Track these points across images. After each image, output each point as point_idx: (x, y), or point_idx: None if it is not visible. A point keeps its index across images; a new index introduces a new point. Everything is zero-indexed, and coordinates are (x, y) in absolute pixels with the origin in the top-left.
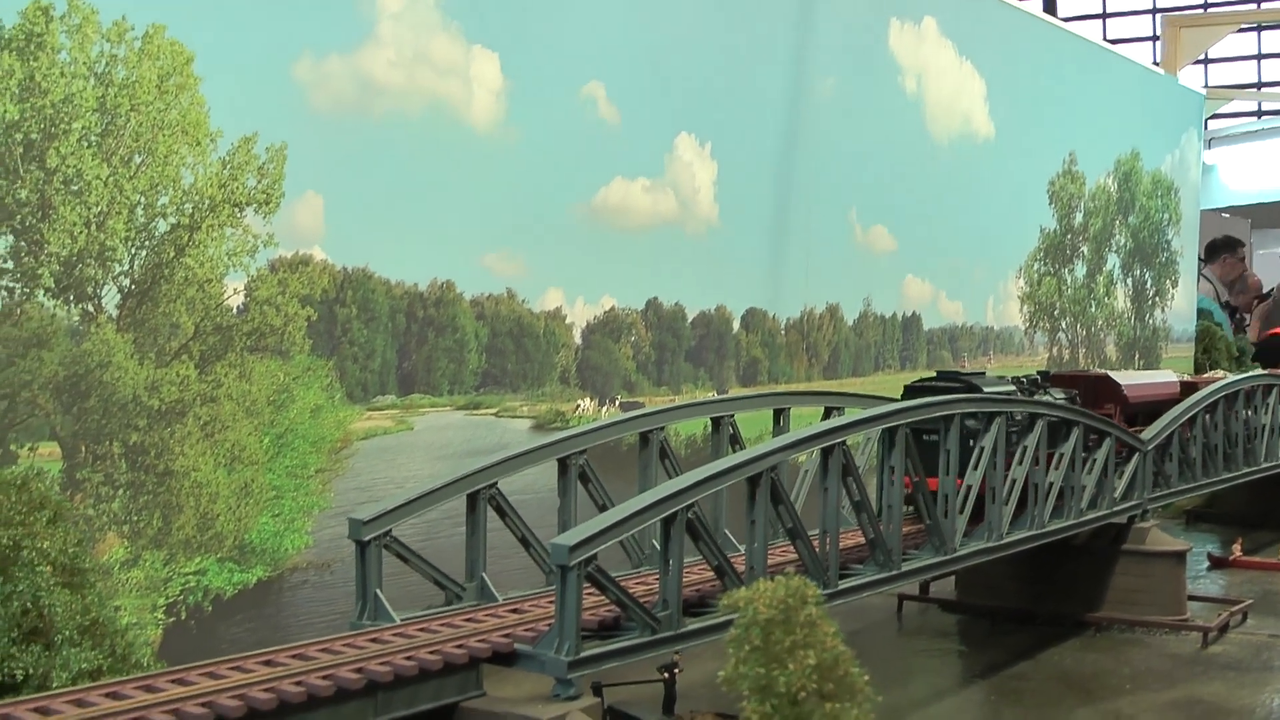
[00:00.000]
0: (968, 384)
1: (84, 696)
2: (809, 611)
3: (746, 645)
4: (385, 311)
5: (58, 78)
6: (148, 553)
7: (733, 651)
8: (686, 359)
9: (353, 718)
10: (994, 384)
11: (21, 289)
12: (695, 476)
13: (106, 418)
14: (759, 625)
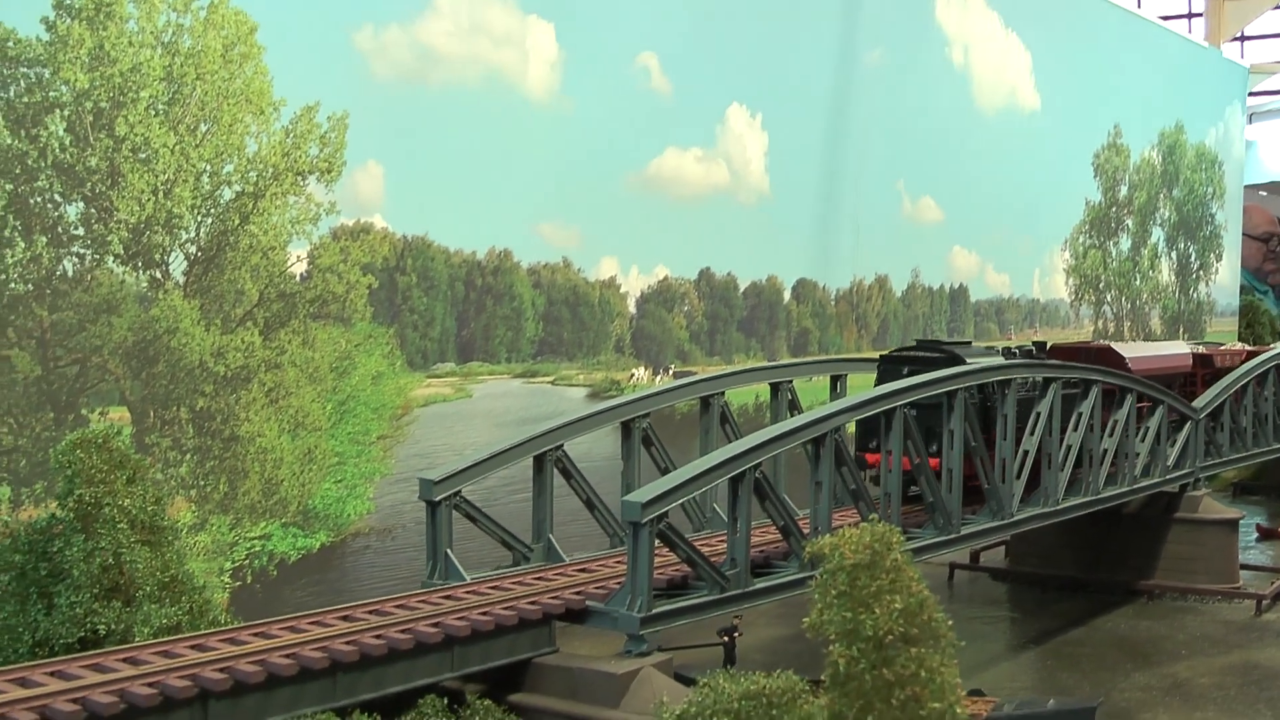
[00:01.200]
0: (949, 354)
1: (171, 648)
2: (894, 557)
3: (833, 590)
4: (444, 279)
5: (126, 47)
6: (214, 517)
7: (818, 597)
8: (738, 329)
9: (430, 671)
10: (980, 354)
11: (92, 255)
12: (760, 437)
13: (174, 383)
14: (845, 570)
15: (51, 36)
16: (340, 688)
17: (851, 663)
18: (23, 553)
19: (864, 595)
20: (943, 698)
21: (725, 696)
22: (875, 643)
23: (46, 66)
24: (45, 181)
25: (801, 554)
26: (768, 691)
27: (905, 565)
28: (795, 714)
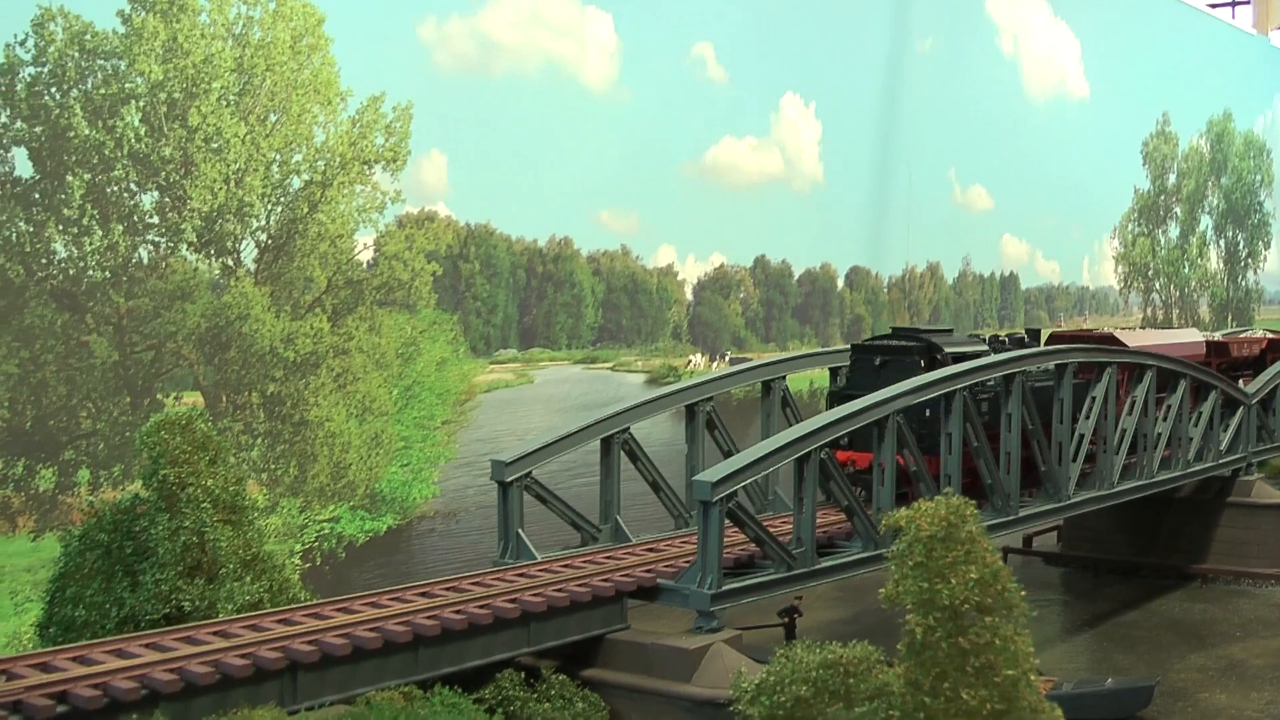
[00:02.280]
0: (927, 342)
1: (258, 622)
2: (969, 529)
3: (909, 562)
4: (506, 267)
5: (198, 39)
6: (285, 500)
7: (895, 568)
8: (793, 316)
9: (507, 646)
10: (964, 343)
11: (166, 243)
12: (825, 419)
13: (245, 368)
14: (921, 542)
15: (127, 29)
16: (422, 661)
17: (928, 631)
18: (108, 531)
19: (940, 566)
20: (1016, 665)
21: (803, 666)
22: (951, 612)
23: (122, 59)
24: (121, 171)
25: (865, 534)
26: (844, 661)
27: (980, 537)
28: (871, 683)
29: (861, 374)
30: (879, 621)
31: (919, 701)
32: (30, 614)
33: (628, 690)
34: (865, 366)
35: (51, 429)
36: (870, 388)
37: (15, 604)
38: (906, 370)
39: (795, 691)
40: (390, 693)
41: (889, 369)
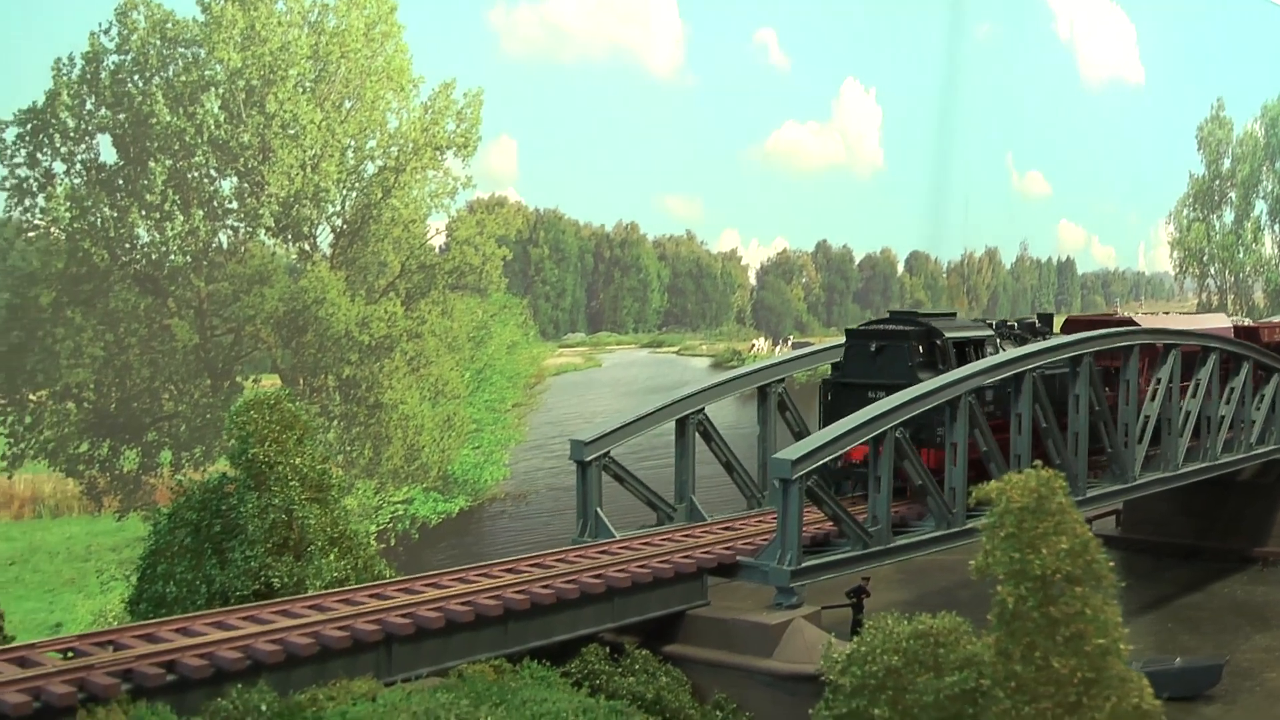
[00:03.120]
0: (925, 326)
1: (351, 596)
2: (1058, 501)
3: (1001, 533)
4: (575, 252)
5: (275, 26)
6: (360, 481)
7: (986, 539)
8: (854, 300)
9: (593, 620)
10: (967, 327)
11: (245, 228)
12: (900, 399)
13: (322, 352)
14: (1012, 513)
15: (207, 18)
16: (511, 635)
17: (1019, 601)
18: (196, 510)
19: (1031, 537)
20: (1106, 635)
21: (894, 637)
22: (1042, 582)
23: (202, 46)
24: (202, 157)
25: (938, 513)
26: (934, 631)
27: (1069, 509)
28: (960, 653)
29: (856, 360)
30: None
31: (1010, 670)
32: (115, 592)
33: (709, 665)
34: (860, 353)
35: (135, 411)
36: (865, 375)
37: (101, 582)
38: (903, 356)
39: (886, 661)
40: (481, 666)
41: (885, 355)
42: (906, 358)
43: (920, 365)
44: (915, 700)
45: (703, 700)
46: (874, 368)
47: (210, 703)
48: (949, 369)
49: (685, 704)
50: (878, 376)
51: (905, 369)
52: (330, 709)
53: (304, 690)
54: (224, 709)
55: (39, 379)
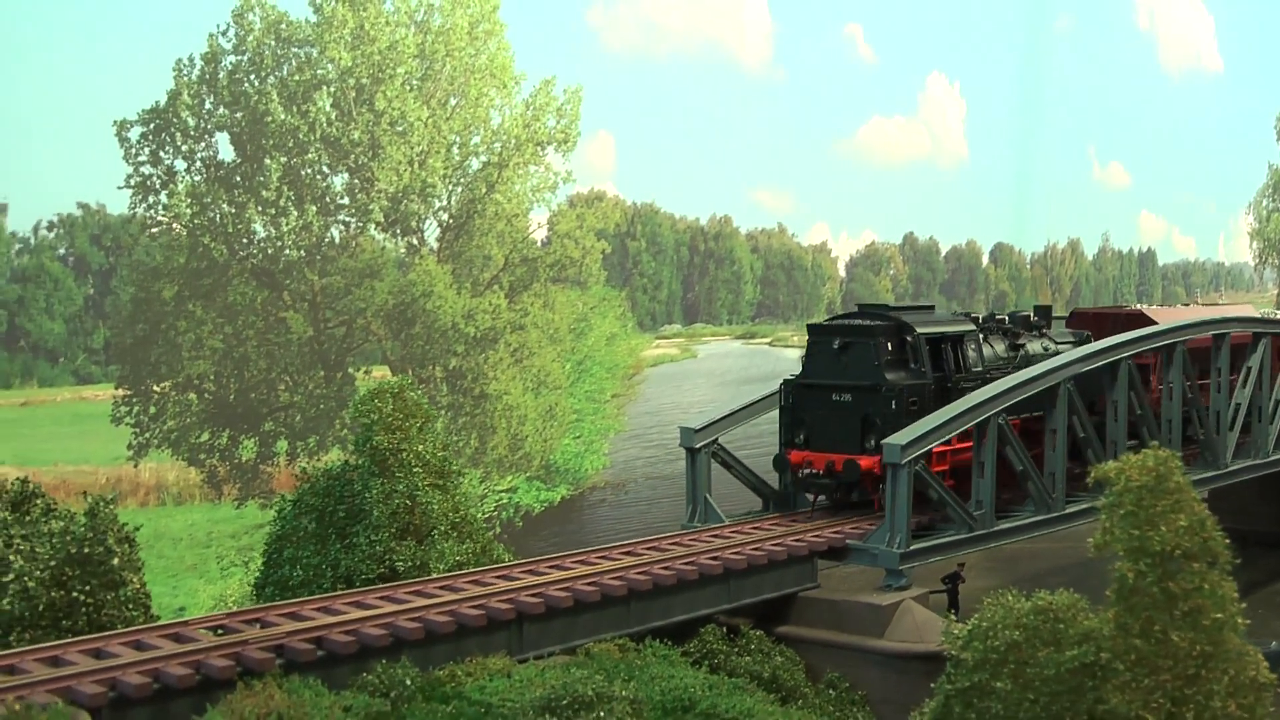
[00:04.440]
0: (896, 322)
1: (480, 577)
2: (1176, 479)
3: (1120, 511)
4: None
5: (384, 26)
6: (466, 471)
7: (1105, 517)
8: (940, 291)
9: (710, 601)
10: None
11: (356, 223)
12: (1000, 387)
13: (429, 343)
14: (1132, 492)
15: (318, 18)
16: (633, 615)
17: (1139, 576)
18: (320, 496)
19: (1149, 514)
20: (1223, 609)
21: (1015, 612)
22: (1160, 558)
23: (314, 46)
24: (315, 154)
25: (1039, 499)
26: (1054, 607)
27: (1186, 487)
28: (1078, 627)
29: (820, 359)
30: (1035, 588)
31: (1129, 644)
32: (235, 577)
33: (820, 645)
34: (824, 351)
35: (253, 401)
36: (829, 375)
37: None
38: (869, 355)
39: (1008, 636)
40: (606, 644)
41: (850, 353)
42: (873, 356)
43: (889, 364)
44: (1036, 673)
45: (815, 679)
46: (839, 367)
47: (357, 677)
48: (922, 368)
49: (800, 682)
50: (842, 377)
51: (872, 369)
52: (469, 684)
53: (442, 666)
54: (370, 683)
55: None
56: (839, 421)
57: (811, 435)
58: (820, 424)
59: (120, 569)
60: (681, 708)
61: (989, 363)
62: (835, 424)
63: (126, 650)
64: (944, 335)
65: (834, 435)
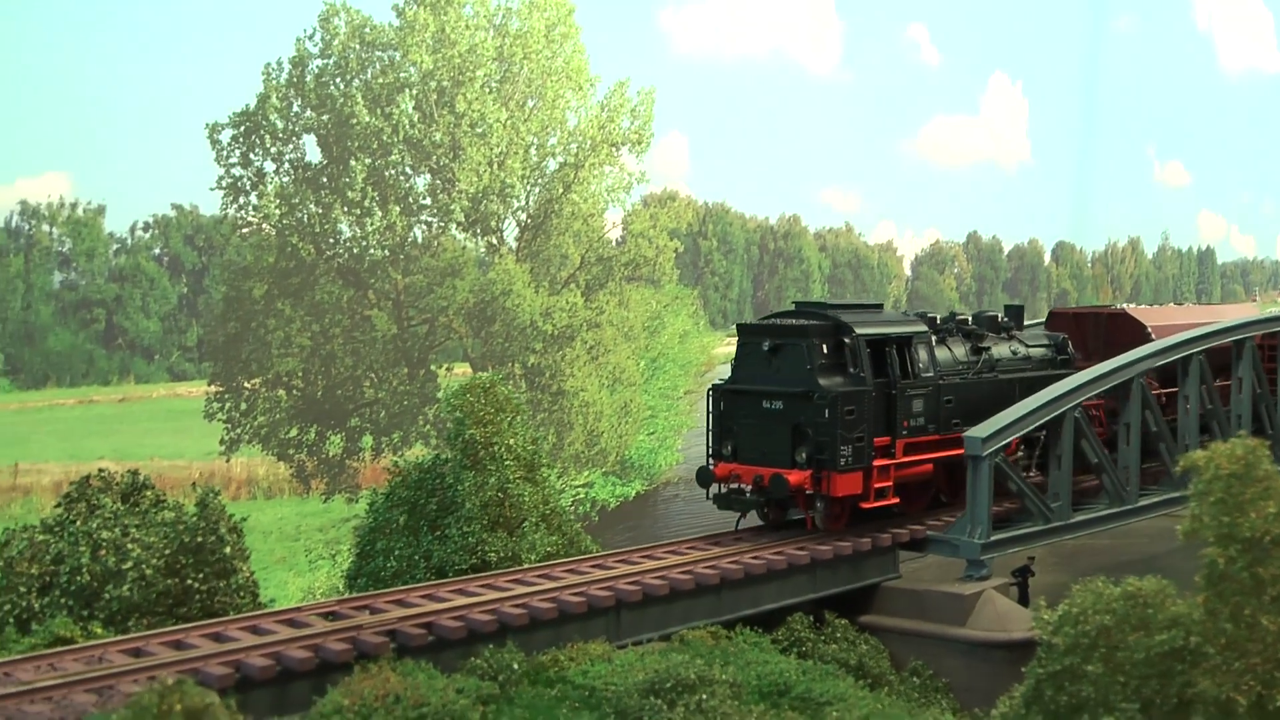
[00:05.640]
0: (833, 321)
1: (576, 566)
2: (1265, 467)
3: (1210, 498)
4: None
5: (463, 30)
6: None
7: (1194, 505)
8: (1003, 290)
9: (796, 591)
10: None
11: (438, 223)
12: (1078, 380)
13: (509, 341)
14: (1221, 479)
15: (401, 22)
16: (724, 603)
17: (1229, 562)
18: (412, 489)
19: (1239, 501)
20: None
21: (1105, 597)
22: (1250, 544)
23: (397, 50)
24: (398, 155)
25: (1114, 492)
26: (1143, 593)
27: (1275, 475)
28: (1167, 613)
29: (750, 362)
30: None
31: (1219, 628)
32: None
33: (903, 634)
34: (753, 353)
35: (339, 398)
36: (759, 380)
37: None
38: (801, 358)
39: (1099, 621)
40: (700, 631)
41: (781, 356)
42: (805, 359)
43: (823, 369)
44: (1127, 657)
45: (898, 667)
46: (769, 371)
47: (465, 661)
48: (861, 373)
49: (885, 670)
50: (772, 382)
51: (804, 373)
52: (571, 669)
53: (545, 651)
54: (479, 667)
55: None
56: (769, 431)
57: (740, 446)
58: (749, 434)
59: (231, 558)
60: (777, 692)
61: (944, 367)
62: (765, 434)
63: (245, 635)
64: (887, 337)
65: (763, 446)
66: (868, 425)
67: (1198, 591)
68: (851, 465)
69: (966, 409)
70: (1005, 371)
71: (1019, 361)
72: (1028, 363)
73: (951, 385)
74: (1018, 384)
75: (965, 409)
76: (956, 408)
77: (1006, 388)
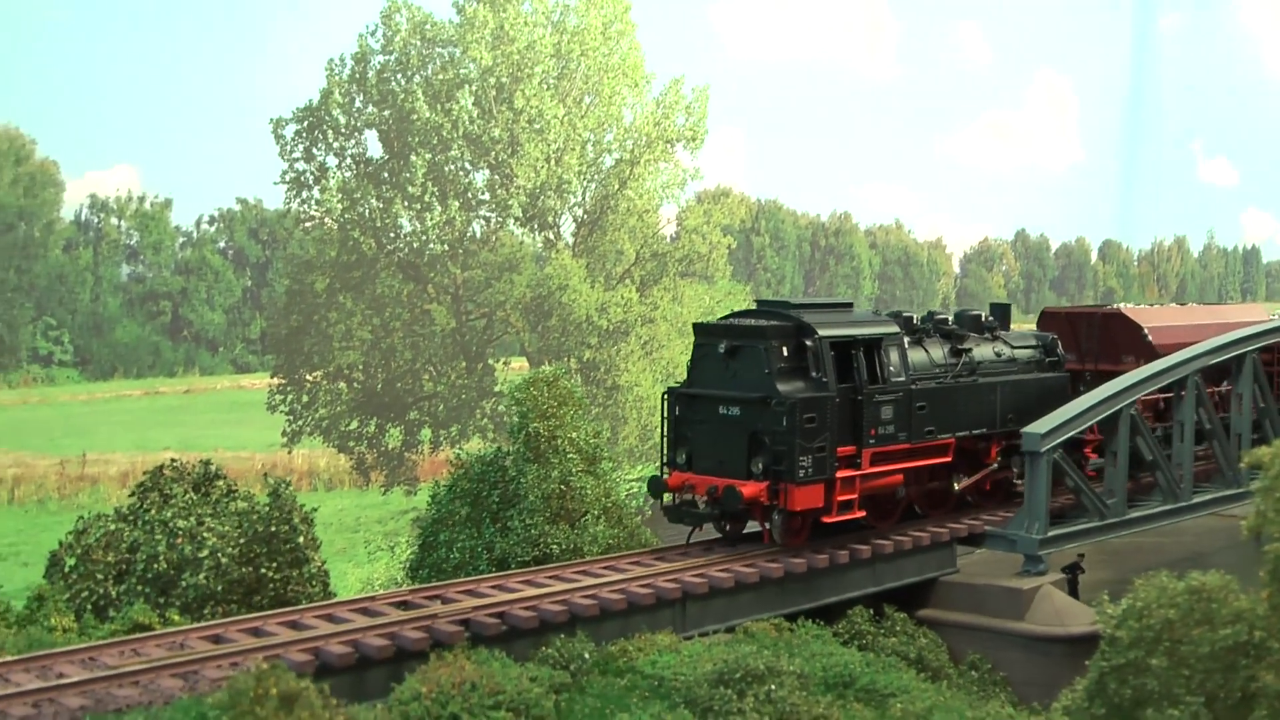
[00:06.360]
0: (795, 322)
1: (641, 558)
2: None
3: (1275, 494)
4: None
5: (522, 26)
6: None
7: (1259, 501)
8: (1050, 288)
9: (857, 585)
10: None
11: (496, 218)
12: (1131, 379)
13: (565, 336)
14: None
15: (461, 19)
16: (787, 596)
17: None
18: (474, 482)
19: None
20: None
21: (1169, 592)
22: None
23: (457, 46)
24: (457, 151)
25: (1167, 489)
26: (1207, 588)
27: None
28: (1231, 608)
29: (706, 365)
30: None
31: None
32: (381, 561)
33: (960, 628)
34: (709, 356)
35: (399, 391)
36: (715, 384)
37: (368, 552)
38: (759, 361)
39: (1163, 616)
40: (763, 624)
41: (739, 359)
42: (763, 363)
43: (782, 373)
44: (1191, 651)
45: (956, 661)
46: (726, 375)
47: (536, 650)
48: (824, 377)
49: (944, 663)
50: (729, 386)
51: (762, 378)
52: (640, 659)
53: (613, 642)
54: (550, 656)
55: (315, 360)
56: (725, 439)
57: (695, 454)
58: (704, 442)
59: (304, 547)
60: (842, 683)
61: (918, 370)
62: (721, 442)
63: (322, 623)
64: (854, 339)
65: (719, 455)
66: (830, 434)
67: (1263, 586)
68: (811, 477)
69: (942, 415)
70: (987, 374)
71: (1002, 364)
72: (1013, 365)
73: (926, 390)
74: (1001, 388)
75: (941, 415)
76: (931, 414)
77: (988, 392)
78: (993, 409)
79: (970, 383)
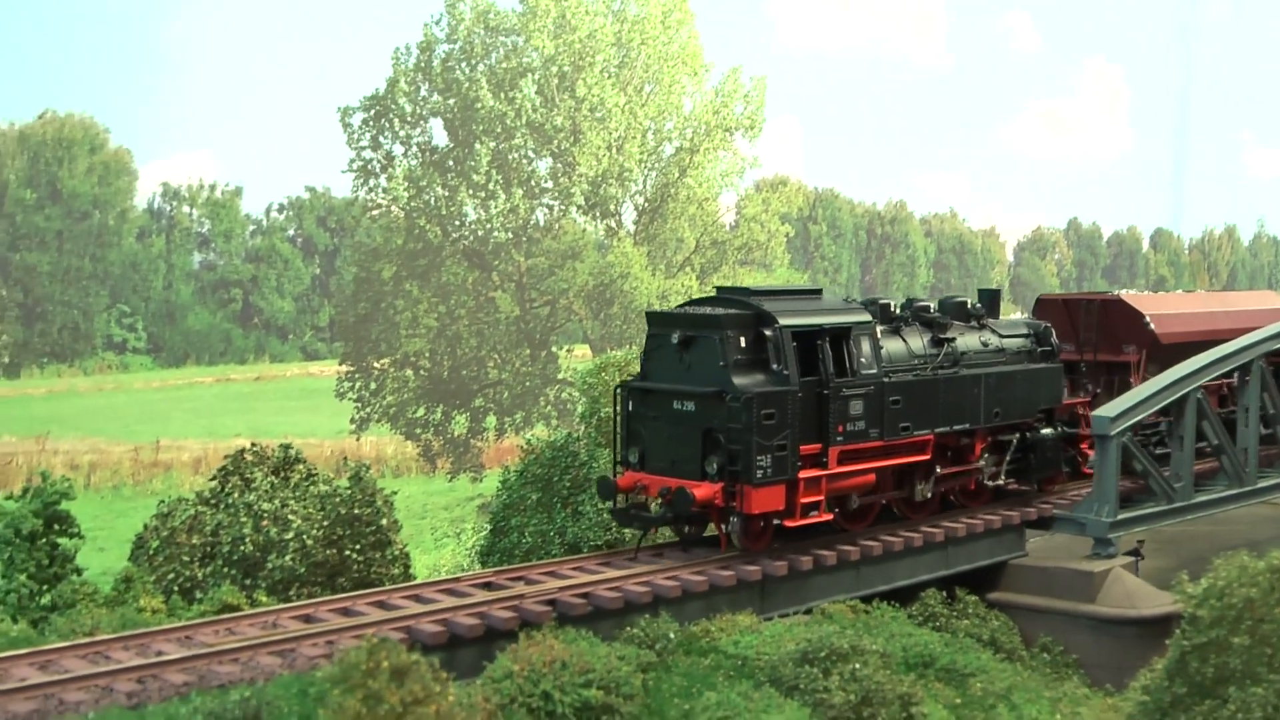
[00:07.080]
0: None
1: None
2: None
3: None
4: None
5: (583, 15)
6: None
7: None
8: (1102, 276)
9: (929, 568)
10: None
11: (559, 206)
12: (1198, 363)
13: (626, 323)
14: None
15: (524, 8)
16: (862, 579)
17: None
18: (545, 467)
19: None
20: None
21: (1249, 571)
22: None
23: (520, 35)
24: (520, 139)
25: (1233, 473)
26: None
27: None
28: None
29: (659, 357)
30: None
31: None
32: (447, 548)
33: (1030, 610)
34: (663, 347)
35: (464, 378)
36: (668, 378)
37: (435, 539)
38: (714, 353)
39: (1244, 594)
40: (840, 605)
41: (694, 350)
42: (718, 355)
43: (739, 365)
44: (1273, 630)
45: (1028, 643)
46: (680, 367)
47: (620, 631)
48: (785, 370)
49: (1017, 645)
50: (683, 380)
51: (717, 371)
52: (723, 639)
53: (695, 622)
54: (636, 636)
55: (382, 348)
56: (679, 437)
57: (648, 453)
58: (657, 439)
59: (387, 530)
60: (923, 663)
61: (894, 362)
62: (674, 440)
63: (409, 603)
64: (820, 329)
65: (673, 454)
66: (792, 431)
67: None
68: (771, 478)
69: (920, 409)
70: (972, 365)
71: (989, 354)
72: (1000, 355)
73: (901, 384)
74: (986, 380)
75: (918, 410)
76: (906, 409)
77: (971, 385)
78: (977, 403)
79: (952, 375)
